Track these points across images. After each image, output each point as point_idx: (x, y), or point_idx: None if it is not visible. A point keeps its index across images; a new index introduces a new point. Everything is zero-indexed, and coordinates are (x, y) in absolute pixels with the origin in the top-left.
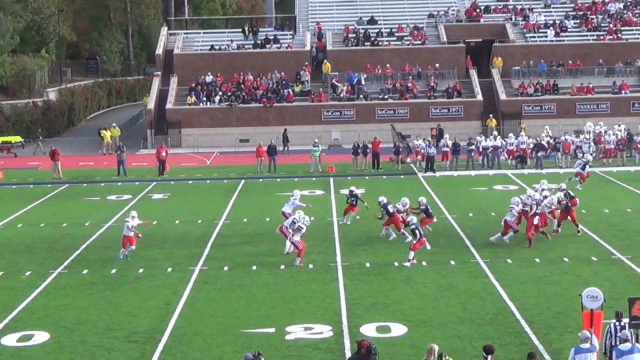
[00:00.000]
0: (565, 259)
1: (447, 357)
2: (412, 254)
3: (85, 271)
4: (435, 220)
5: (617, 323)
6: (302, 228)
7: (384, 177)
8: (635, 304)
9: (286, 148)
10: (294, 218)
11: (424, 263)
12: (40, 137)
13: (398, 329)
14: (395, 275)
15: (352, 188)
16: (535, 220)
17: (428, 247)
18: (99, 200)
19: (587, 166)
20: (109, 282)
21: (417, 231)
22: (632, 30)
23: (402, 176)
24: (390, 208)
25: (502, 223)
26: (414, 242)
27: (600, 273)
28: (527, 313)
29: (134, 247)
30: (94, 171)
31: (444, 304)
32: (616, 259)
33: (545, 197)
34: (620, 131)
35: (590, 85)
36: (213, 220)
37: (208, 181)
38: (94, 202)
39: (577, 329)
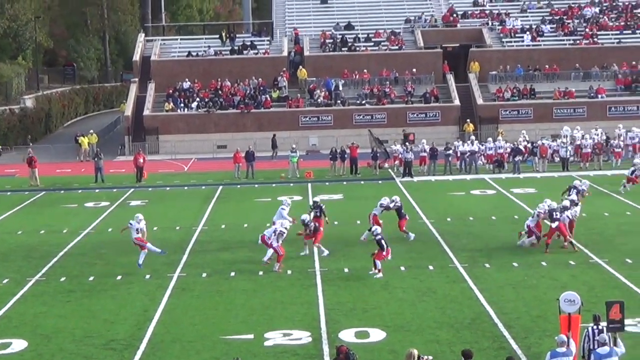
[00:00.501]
0: (544, 263)
1: (426, 357)
2: (378, 263)
3: (63, 278)
4: (408, 218)
5: (594, 327)
6: (284, 233)
7: (362, 182)
8: (612, 307)
9: (275, 154)
10: (275, 228)
11: (402, 268)
12: (31, 143)
13: (377, 334)
14: (374, 280)
15: (317, 199)
16: (554, 225)
17: (389, 257)
18: (77, 207)
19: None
20: (87, 290)
21: (382, 242)
22: (608, 34)
23: (380, 181)
24: (376, 211)
25: (526, 228)
26: (381, 252)
27: (578, 277)
28: (505, 317)
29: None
30: (72, 178)
31: (422, 308)
32: (594, 262)
33: (566, 207)
34: (598, 135)
35: (573, 90)
36: (191, 226)
37: (186, 187)
38: (72, 209)
39: (555, 333)
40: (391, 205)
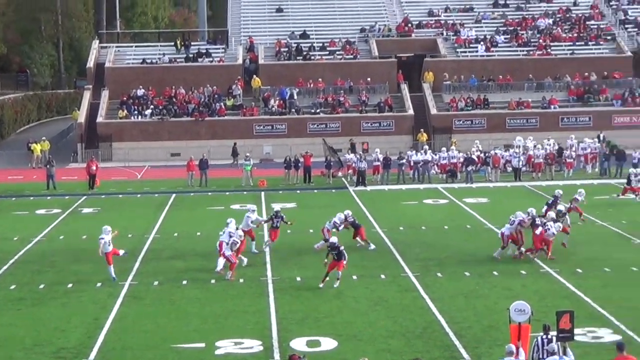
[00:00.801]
0: (495, 273)
1: None
2: (339, 273)
3: (13, 286)
4: (363, 227)
5: (544, 336)
6: (237, 242)
7: (315, 191)
8: (562, 317)
9: (235, 162)
10: (230, 231)
11: (355, 277)
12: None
13: (328, 344)
14: (326, 289)
15: (278, 208)
16: (538, 231)
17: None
18: (28, 214)
19: None
20: (37, 298)
21: (344, 251)
22: (561, 45)
23: (333, 190)
24: (328, 226)
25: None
26: (342, 261)
27: (529, 286)
28: (456, 326)
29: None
30: (23, 185)
31: (374, 318)
32: (545, 272)
33: (555, 219)
34: (550, 145)
35: (529, 100)
36: (143, 234)
37: (139, 195)
38: (23, 217)
39: (506, 342)
40: (341, 227)
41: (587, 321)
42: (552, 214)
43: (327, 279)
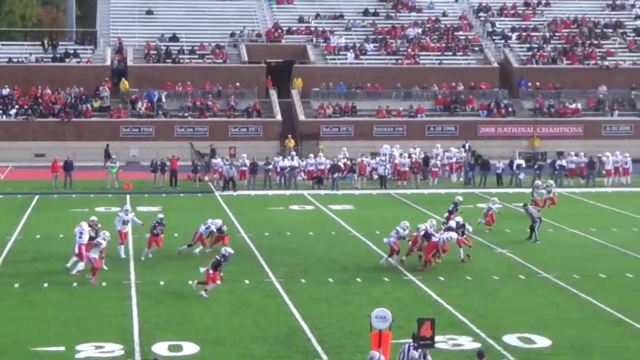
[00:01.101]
0: (359, 279)
1: None
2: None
3: None
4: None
5: (412, 344)
6: (102, 244)
7: (182, 195)
8: (424, 324)
9: (107, 164)
10: (80, 230)
11: (218, 282)
12: None
13: (190, 348)
14: (190, 293)
15: (161, 216)
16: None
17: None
18: None
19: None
20: None
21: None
22: (430, 55)
23: (199, 194)
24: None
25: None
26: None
27: (391, 293)
28: (319, 332)
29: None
30: None
31: (237, 322)
32: (407, 279)
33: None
34: (416, 154)
35: (400, 109)
36: (5, 235)
37: (1, 196)
38: None
39: (368, 349)
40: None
41: (448, 328)
42: (452, 223)
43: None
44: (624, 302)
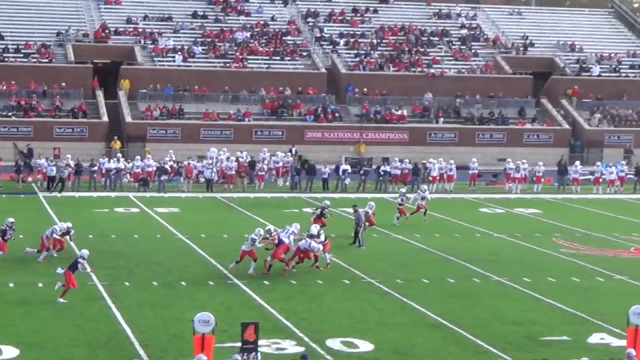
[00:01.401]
0: (183, 283)
1: None
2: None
3: None
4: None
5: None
6: None
7: (4, 195)
8: (247, 328)
9: None
10: None
11: (40, 284)
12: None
13: (9, 352)
14: (11, 296)
15: (12, 220)
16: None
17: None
18: None
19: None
20: None
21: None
22: (258, 59)
23: (22, 195)
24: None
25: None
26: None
27: (216, 297)
28: (142, 336)
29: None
30: None
31: (59, 326)
32: (232, 283)
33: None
34: (242, 158)
35: (231, 112)
36: None
37: None
38: None
39: (192, 353)
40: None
41: (272, 332)
42: (314, 229)
43: None
44: (446, 307)
